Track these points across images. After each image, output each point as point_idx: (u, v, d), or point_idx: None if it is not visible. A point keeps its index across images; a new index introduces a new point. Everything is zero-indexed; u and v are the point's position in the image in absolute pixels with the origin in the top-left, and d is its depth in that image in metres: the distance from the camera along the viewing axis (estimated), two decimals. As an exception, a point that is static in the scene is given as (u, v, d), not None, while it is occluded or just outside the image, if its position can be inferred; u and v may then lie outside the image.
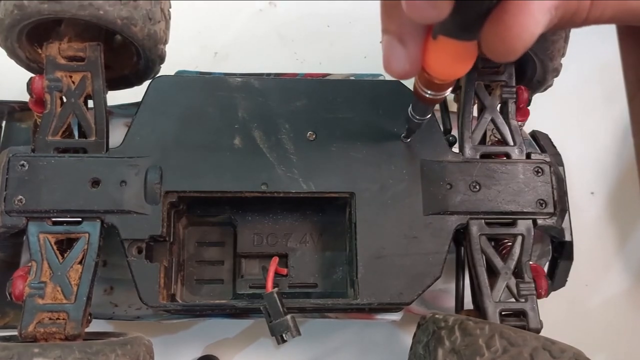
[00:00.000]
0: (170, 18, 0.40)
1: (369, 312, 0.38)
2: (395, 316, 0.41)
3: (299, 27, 0.54)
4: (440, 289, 0.44)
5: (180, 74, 0.41)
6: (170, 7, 0.40)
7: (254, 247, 0.39)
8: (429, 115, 0.34)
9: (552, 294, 0.38)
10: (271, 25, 0.55)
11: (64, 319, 0.32)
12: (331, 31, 0.54)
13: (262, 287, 0.38)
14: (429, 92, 0.28)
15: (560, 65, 0.40)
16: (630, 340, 0.46)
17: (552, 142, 0.44)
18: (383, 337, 0.46)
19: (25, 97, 0.46)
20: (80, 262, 0.33)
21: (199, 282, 0.39)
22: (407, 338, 0.45)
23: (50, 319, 0.32)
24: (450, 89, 0.29)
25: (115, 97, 0.43)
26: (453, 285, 0.42)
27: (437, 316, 0.34)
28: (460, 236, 0.38)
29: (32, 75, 0.38)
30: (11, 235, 0.38)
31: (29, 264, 0.33)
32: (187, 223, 0.40)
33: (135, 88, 0.44)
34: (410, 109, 0.34)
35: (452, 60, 0.25)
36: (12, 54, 0.38)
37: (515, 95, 0.39)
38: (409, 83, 0.40)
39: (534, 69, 0.40)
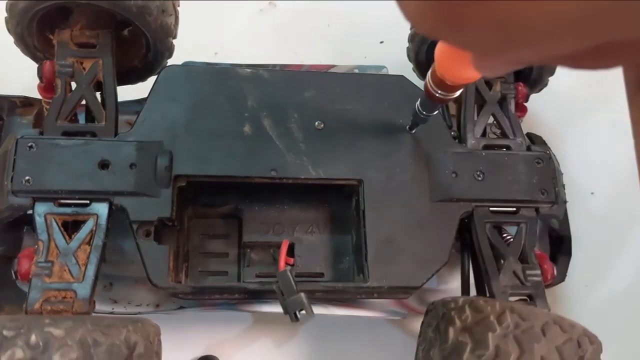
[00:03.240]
0: (179, 15, 0.41)
1: (378, 297, 0.38)
2: (399, 316, 0.41)
3: (299, 27, 0.55)
4: (438, 289, 0.44)
5: (187, 64, 0.41)
6: (179, 5, 0.41)
7: (260, 237, 0.39)
8: (435, 112, 0.35)
9: (551, 294, 0.38)
10: (271, 25, 0.55)
11: (71, 298, 0.31)
12: (331, 31, 0.55)
13: (269, 276, 0.38)
14: (439, 91, 0.30)
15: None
16: (630, 340, 0.46)
17: (545, 143, 0.46)
18: (386, 336, 0.45)
19: (26, 93, 0.46)
20: (88, 243, 0.33)
21: (203, 272, 0.39)
22: (410, 338, 0.44)
23: (56, 297, 0.31)
24: (460, 91, 0.30)
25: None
26: (452, 286, 0.43)
27: (446, 299, 0.34)
28: (465, 225, 0.38)
29: (36, 66, 0.38)
30: (11, 228, 0.38)
31: (35, 246, 0.33)
32: (192, 214, 0.40)
33: (131, 88, 0.43)
34: (418, 104, 0.35)
35: (466, 64, 0.25)
36: (20, 41, 0.38)
37: (514, 91, 0.41)
38: (413, 78, 0.41)
39: (531, 67, 0.42)
